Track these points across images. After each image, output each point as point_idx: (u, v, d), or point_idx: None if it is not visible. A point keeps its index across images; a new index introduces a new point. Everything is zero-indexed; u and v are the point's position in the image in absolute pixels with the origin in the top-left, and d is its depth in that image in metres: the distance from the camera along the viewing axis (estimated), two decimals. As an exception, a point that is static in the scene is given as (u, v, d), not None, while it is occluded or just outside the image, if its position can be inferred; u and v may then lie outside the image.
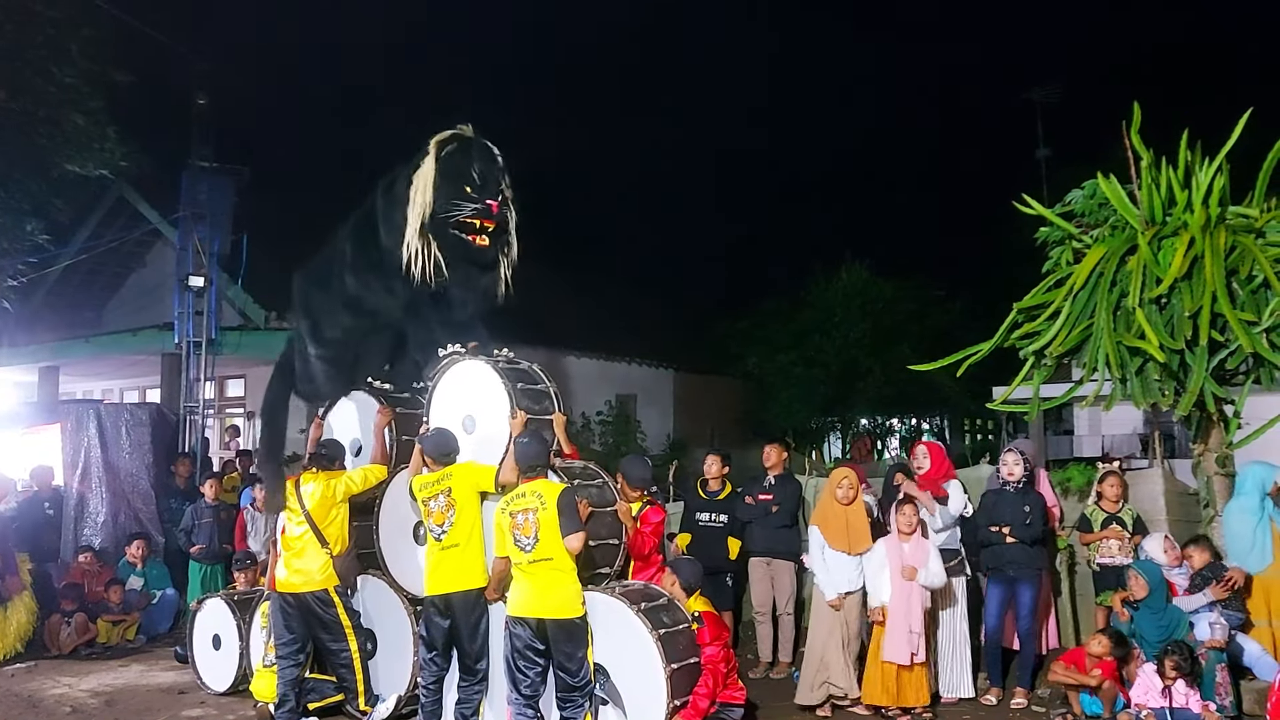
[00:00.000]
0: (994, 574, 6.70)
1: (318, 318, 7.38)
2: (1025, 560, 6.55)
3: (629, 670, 5.61)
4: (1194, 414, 6.76)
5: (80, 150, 11.62)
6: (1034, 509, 6.58)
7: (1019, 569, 6.56)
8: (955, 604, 6.72)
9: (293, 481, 6.65)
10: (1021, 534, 6.50)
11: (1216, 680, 5.86)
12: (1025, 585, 6.59)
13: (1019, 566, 6.55)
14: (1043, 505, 6.72)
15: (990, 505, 6.71)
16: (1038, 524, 6.56)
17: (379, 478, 6.74)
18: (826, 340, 18.41)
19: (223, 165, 13.13)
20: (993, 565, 6.67)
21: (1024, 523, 6.52)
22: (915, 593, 6.27)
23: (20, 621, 8.72)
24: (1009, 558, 6.56)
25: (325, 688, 6.63)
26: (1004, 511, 6.60)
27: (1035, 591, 6.64)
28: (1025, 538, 6.51)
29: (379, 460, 6.81)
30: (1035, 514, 6.56)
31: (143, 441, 10.77)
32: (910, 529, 6.41)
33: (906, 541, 6.39)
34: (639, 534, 6.32)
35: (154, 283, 16.11)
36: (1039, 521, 6.57)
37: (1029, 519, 6.53)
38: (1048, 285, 7.22)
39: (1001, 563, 6.60)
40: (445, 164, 6.54)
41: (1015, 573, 6.57)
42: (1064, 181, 8.37)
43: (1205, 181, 6.67)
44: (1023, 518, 6.53)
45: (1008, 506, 6.61)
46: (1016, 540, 6.50)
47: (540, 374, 6.51)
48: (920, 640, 6.25)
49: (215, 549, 9.35)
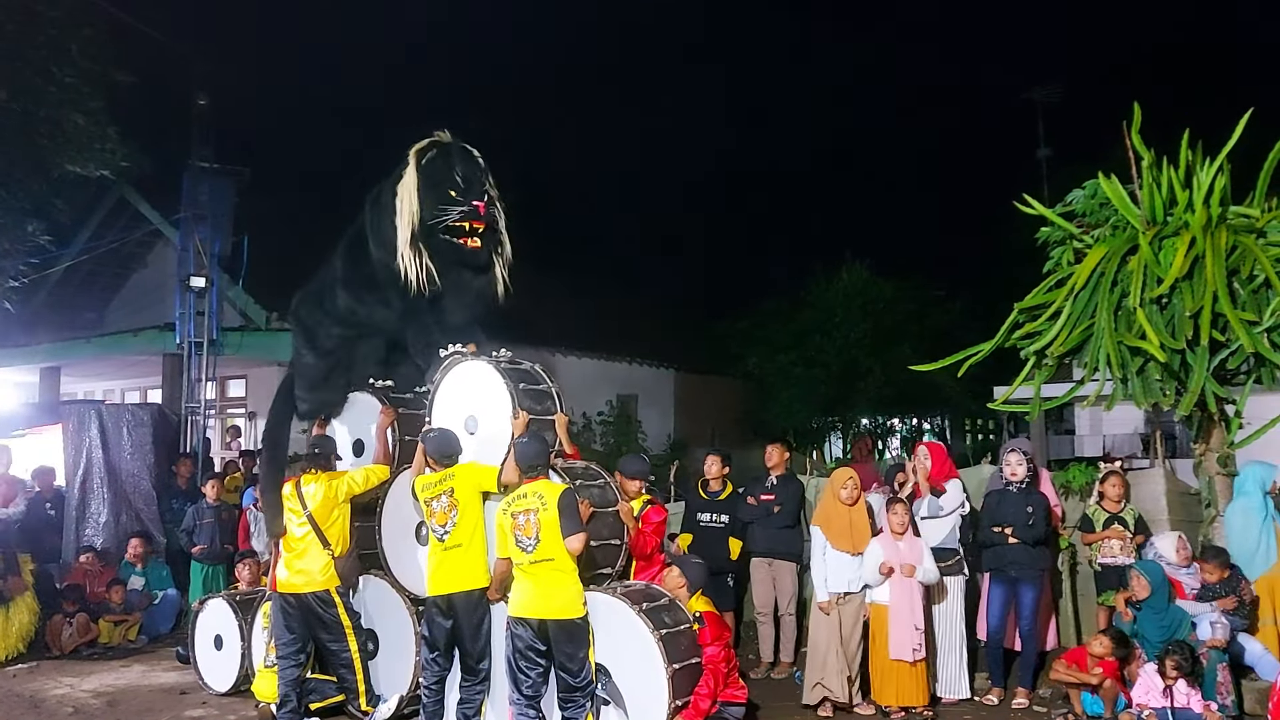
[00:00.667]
0: (996, 574, 6.69)
1: (313, 330, 7.43)
2: (1028, 561, 6.54)
3: (630, 670, 5.61)
4: (1195, 414, 6.76)
5: (81, 151, 11.64)
6: (1037, 509, 6.57)
7: (1021, 569, 6.55)
8: (952, 604, 6.73)
9: (293, 483, 6.65)
10: (1024, 534, 6.49)
11: (1218, 680, 5.87)
12: (1027, 586, 6.58)
13: (1021, 567, 6.55)
14: (1046, 505, 6.71)
15: (993, 506, 6.70)
16: (1040, 524, 6.55)
17: (380, 478, 6.74)
18: (827, 340, 18.41)
19: (224, 166, 13.13)
20: (995, 566, 6.67)
21: (1027, 523, 6.51)
22: (916, 589, 6.29)
23: (22, 622, 8.73)
24: (1011, 558, 6.55)
25: (327, 688, 6.64)
26: (1006, 512, 6.59)
27: (1037, 592, 6.64)
28: (1028, 538, 6.50)
29: (381, 460, 6.82)
30: (1038, 514, 6.56)
31: (144, 442, 10.78)
32: (903, 528, 6.45)
33: (900, 540, 6.41)
34: (640, 534, 6.33)
35: (155, 283, 16.11)
36: (1042, 522, 6.56)
37: (1032, 519, 6.52)
38: (1049, 285, 7.22)
39: (1004, 563, 6.60)
40: (427, 171, 6.59)
41: (1017, 573, 6.57)
42: (1064, 181, 8.37)
43: (1206, 181, 6.66)
44: (1026, 518, 6.52)
45: (1010, 507, 6.60)
46: (1019, 541, 6.50)
47: (542, 374, 6.52)
48: (922, 636, 6.27)
49: (217, 549, 9.35)
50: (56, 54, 11.17)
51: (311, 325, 7.42)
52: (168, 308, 13.49)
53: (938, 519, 6.72)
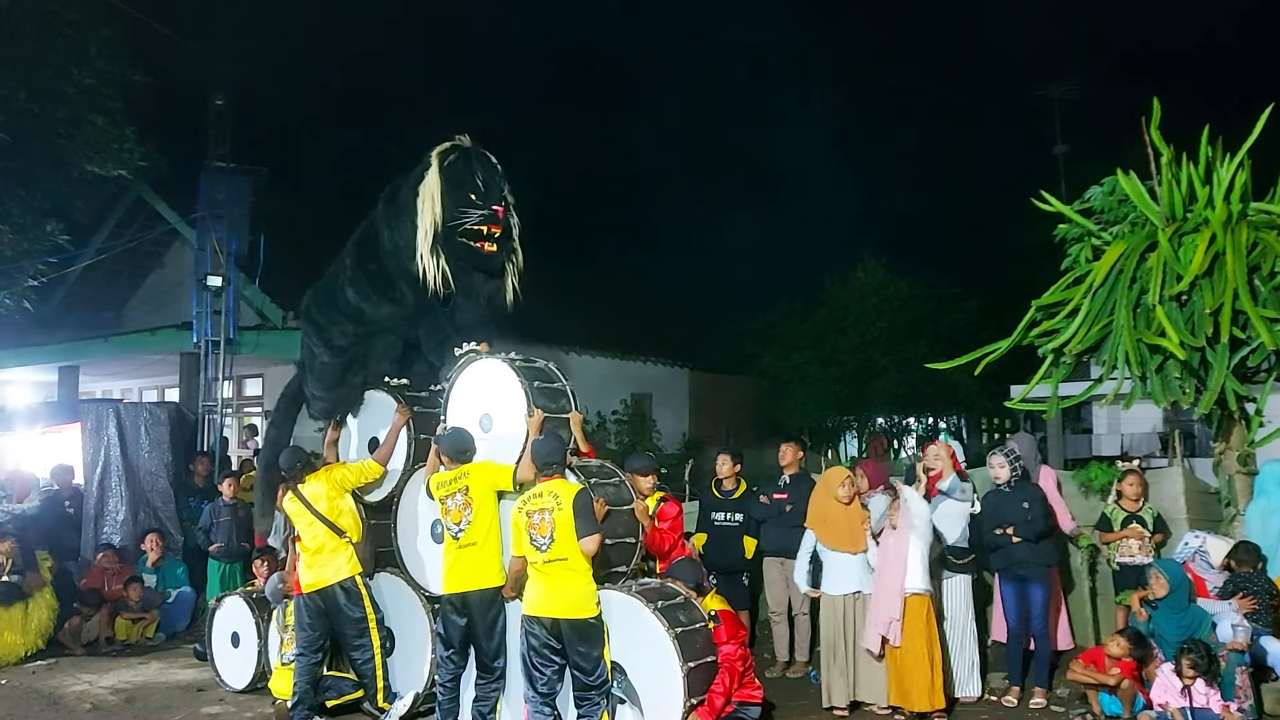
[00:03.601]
0: (1004, 574, 6.69)
1: (325, 327, 7.42)
2: (1033, 559, 6.53)
3: (646, 669, 5.60)
4: (1215, 412, 6.70)
5: (99, 151, 11.72)
6: (1033, 504, 6.56)
7: (1028, 568, 6.55)
8: (961, 603, 6.70)
9: (289, 494, 6.63)
10: (1025, 531, 6.49)
11: (1236, 683, 5.80)
12: (1036, 585, 6.57)
13: (1028, 566, 6.55)
14: (1041, 499, 6.68)
15: (992, 507, 6.69)
16: (1039, 519, 6.53)
17: (373, 475, 6.79)
18: (842, 339, 18.36)
19: (240, 166, 13.19)
20: (1003, 566, 6.66)
21: (1025, 519, 6.50)
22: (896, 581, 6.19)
23: (41, 619, 8.80)
24: (1017, 558, 6.55)
25: (344, 685, 6.66)
26: (1005, 512, 6.60)
27: (1046, 590, 6.61)
28: (1029, 534, 6.49)
29: (383, 459, 6.83)
30: (1035, 509, 6.54)
31: (162, 440, 10.83)
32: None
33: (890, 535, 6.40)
34: (657, 531, 6.31)
35: (172, 282, 16.23)
36: (1040, 516, 6.54)
37: (1030, 515, 6.51)
38: (1067, 282, 7.17)
39: (1010, 563, 6.60)
40: (449, 173, 6.65)
41: (1025, 572, 6.57)
42: (1082, 177, 8.31)
43: (1227, 177, 6.60)
44: (1023, 514, 6.52)
45: (1008, 506, 6.61)
46: (1022, 539, 6.49)
47: (557, 372, 6.53)
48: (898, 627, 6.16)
49: (233, 547, 9.40)
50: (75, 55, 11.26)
51: (324, 323, 7.42)
52: (185, 307, 13.59)
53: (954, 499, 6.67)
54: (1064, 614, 7.27)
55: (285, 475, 6.70)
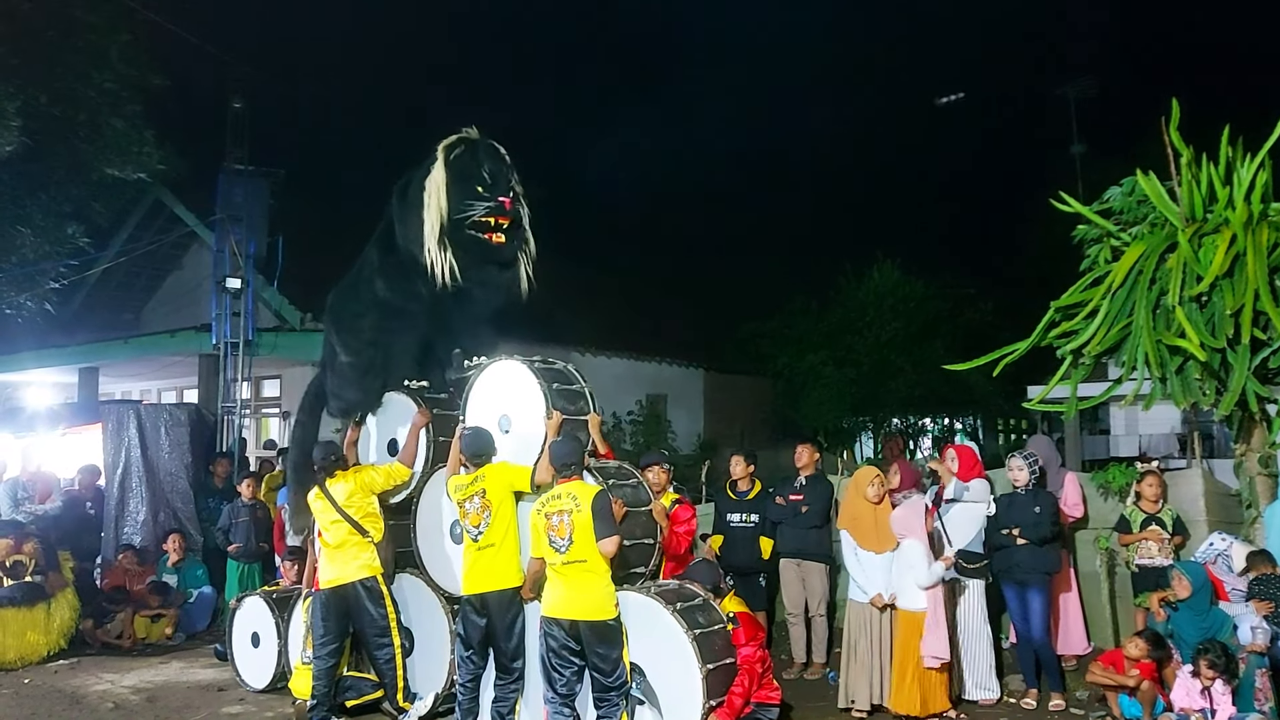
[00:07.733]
0: (1005, 577, 6.71)
1: (349, 325, 7.42)
2: (1032, 564, 6.54)
3: (665, 670, 5.61)
4: (1236, 414, 6.66)
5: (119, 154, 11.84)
6: (1044, 509, 6.58)
7: (1025, 573, 6.57)
8: (975, 606, 6.70)
9: (316, 491, 6.68)
10: (1030, 534, 6.51)
11: (1256, 686, 5.76)
12: (1034, 591, 6.57)
13: (1025, 571, 6.57)
14: (1053, 504, 6.70)
15: (1004, 509, 6.71)
16: (1046, 524, 6.54)
17: (400, 479, 6.81)
18: (858, 339, 18.29)
19: (258, 168, 13.28)
20: (1004, 568, 6.68)
21: (1034, 523, 6.52)
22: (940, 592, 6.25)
23: (63, 618, 8.89)
24: (1016, 561, 6.58)
25: (363, 685, 6.70)
26: (1015, 514, 6.63)
27: (1045, 597, 6.60)
28: (1034, 538, 6.51)
29: (407, 461, 6.86)
30: (1045, 514, 6.56)
31: (181, 441, 10.90)
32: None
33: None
34: (672, 533, 6.33)
35: (191, 284, 16.32)
36: (1047, 521, 6.56)
37: (1039, 519, 6.53)
38: (1085, 283, 7.14)
39: (1011, 565, 6.62)
40: (454, 167, 6.65)
41: (1023, 577, 6.59)
42: (1099, 177, 8.27)
43: (1247, 177, 6.56)
44: (1033, 518, 6.54)
45: (1019, 509, 6.63)
46: (1027, 541, 6.50)
47: (575, 374, 6.55)
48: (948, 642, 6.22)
49: (252, 547, 9.46)
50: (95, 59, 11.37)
51: (348, 319, 7.41)
52: (203, 309, 13.67)
53: (962, 502, 6.69)
54: (1080, 617, 7.25)
55: (317, 468, 6.74)
